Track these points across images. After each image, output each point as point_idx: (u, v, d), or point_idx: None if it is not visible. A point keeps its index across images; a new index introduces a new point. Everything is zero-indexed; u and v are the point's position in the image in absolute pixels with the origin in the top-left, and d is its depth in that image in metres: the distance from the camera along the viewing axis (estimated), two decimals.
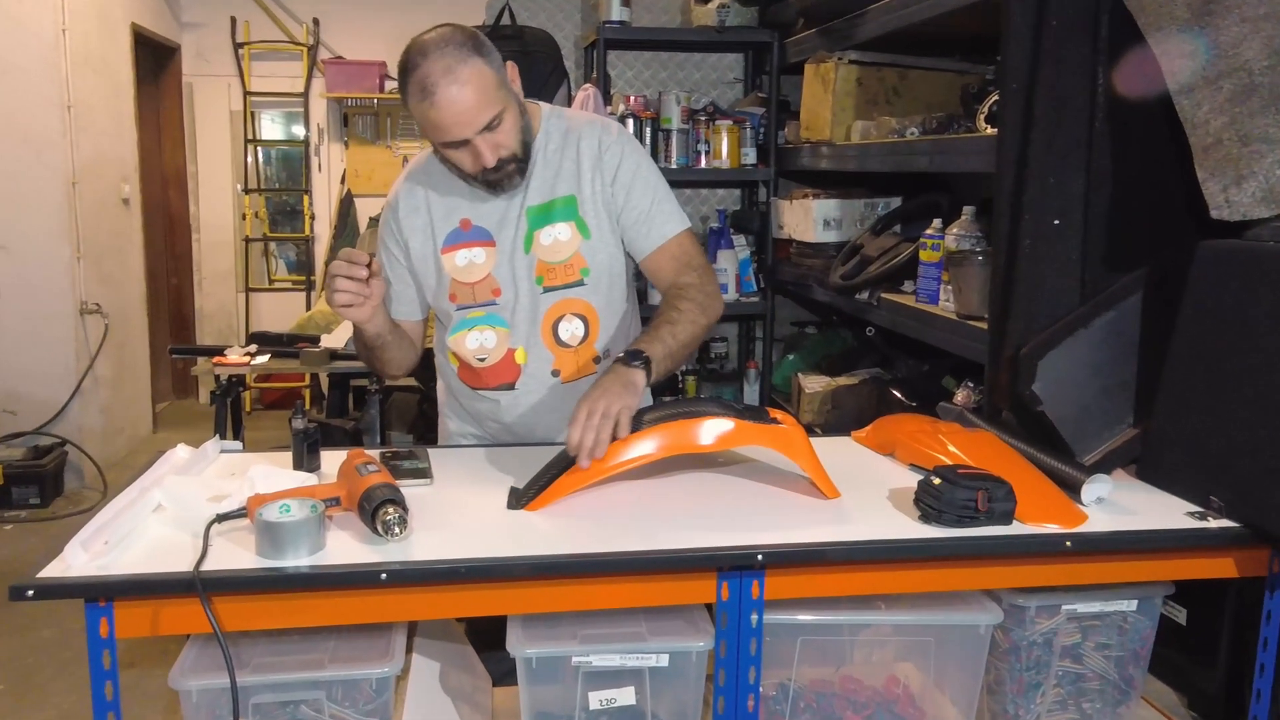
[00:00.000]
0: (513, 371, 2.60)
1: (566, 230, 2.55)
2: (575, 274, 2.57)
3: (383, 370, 2.66)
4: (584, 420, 2.13)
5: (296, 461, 2.29)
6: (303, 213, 8.87)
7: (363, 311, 2.38)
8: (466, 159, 2.40)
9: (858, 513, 2.12)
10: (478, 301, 2.58)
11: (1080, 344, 2.45)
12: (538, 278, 2.56)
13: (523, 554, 1.87)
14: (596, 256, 2.58)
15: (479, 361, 2.61)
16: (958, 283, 3.34)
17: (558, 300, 2.57)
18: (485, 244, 2.56)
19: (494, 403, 2.64)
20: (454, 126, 2.33)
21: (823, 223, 4.72)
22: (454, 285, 2.58)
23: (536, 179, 2.55)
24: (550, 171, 2.56)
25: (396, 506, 1.89)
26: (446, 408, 2.83)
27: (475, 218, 2.56)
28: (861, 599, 2.10)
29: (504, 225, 2.55)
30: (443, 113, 2.30)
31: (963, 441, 2.35)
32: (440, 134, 2.35)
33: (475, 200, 2.56)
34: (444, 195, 2.58)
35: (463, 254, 2.57)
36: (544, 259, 2.55)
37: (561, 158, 2.57)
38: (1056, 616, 2.14)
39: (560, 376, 2.60)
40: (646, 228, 2.58)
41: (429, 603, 1.87)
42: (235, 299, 8.94)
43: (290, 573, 1.79)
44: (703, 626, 2.02)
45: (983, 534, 2.02)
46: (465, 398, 2.72)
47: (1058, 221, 2.55)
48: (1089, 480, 2.19)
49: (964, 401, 3.34)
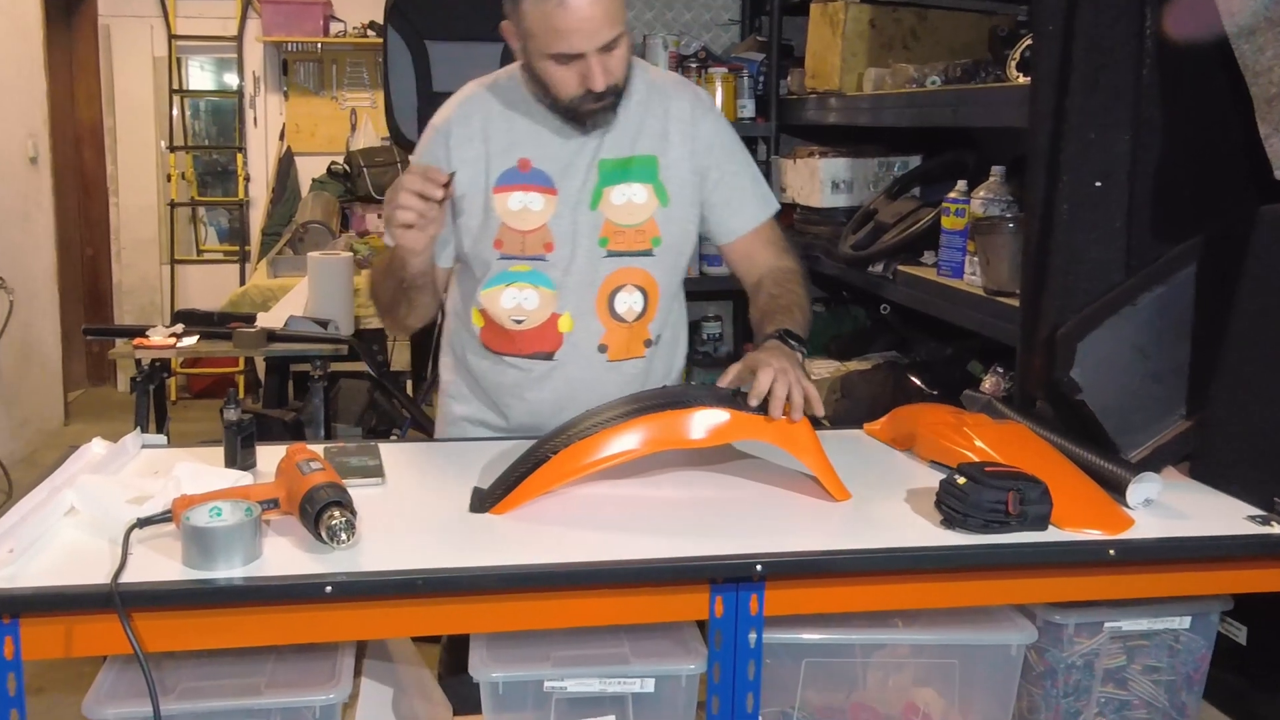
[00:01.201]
0: (553, 339, 2.61)
1: (643, 192, 2.60)
2: (645, 241, 2.61)
3: (404, 319, 2.68)
4: (777, 373, 2.17)
5: (229, 458, 2.29)
6: (236, 174, 8.85)
7: (421, 238, 2.40)
8: (573, 79, 2.43)
9: (871, 517, 2.12)
10: (526, 254, 2.58)
11: (1125, 323, 2.45)
12: (602, 239, 2.59)
13: (488, 563, 1.86)
14: (670, 227, 2.63)
15: (514, 323, 2.61)
16: (985, 253, 3.33)
17: (621, 267, 2.60)
18: (545, 190, 2.58)
19: (524, 373, 2.64)
20: (577, 35, 2.35)
21: (830, 185, 4.71)
22: (502, 230, 2.58)
23: (615, 131, 2.59)
24: (632, 126, 2.61)
25: (343, 509, 1.88)
26: (453, 387, 2.81)
27: (537, 159, 2.58)
28: (875, 615, 2.11)
29: (569, 173, 2.58)
30: (570, 16, 2.33)
31: (991, 435, 2.35)
32: (558, 42, 2.37)
33: (539, 140, 2.58)
34: (504, 128, 2.60)
35: (517, 197, 2.58)
36: (613, 219, 2.59)
37: (645, 114, 2.62)
38: (1098, 635, 2.14)
39: (607, 353, 2.63)
40: (741, 205, 2.68)
41: (380, 619, 1.86)
42: (159, 272, 8.92)
43: (222, 585, 1.78)
44: (693, 647, 2.02)
45: (1014, 541, 2.02)
46: (485, 369, 2.70)
47: (1100, 183, 2.55)
48: (1135, 480, 2.19)
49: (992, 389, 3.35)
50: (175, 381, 8.54)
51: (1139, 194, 2.55)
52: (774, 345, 2.34)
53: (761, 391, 2.17)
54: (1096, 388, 2.43)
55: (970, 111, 3.50)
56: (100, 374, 8.82)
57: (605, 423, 2.15)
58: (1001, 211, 3.38)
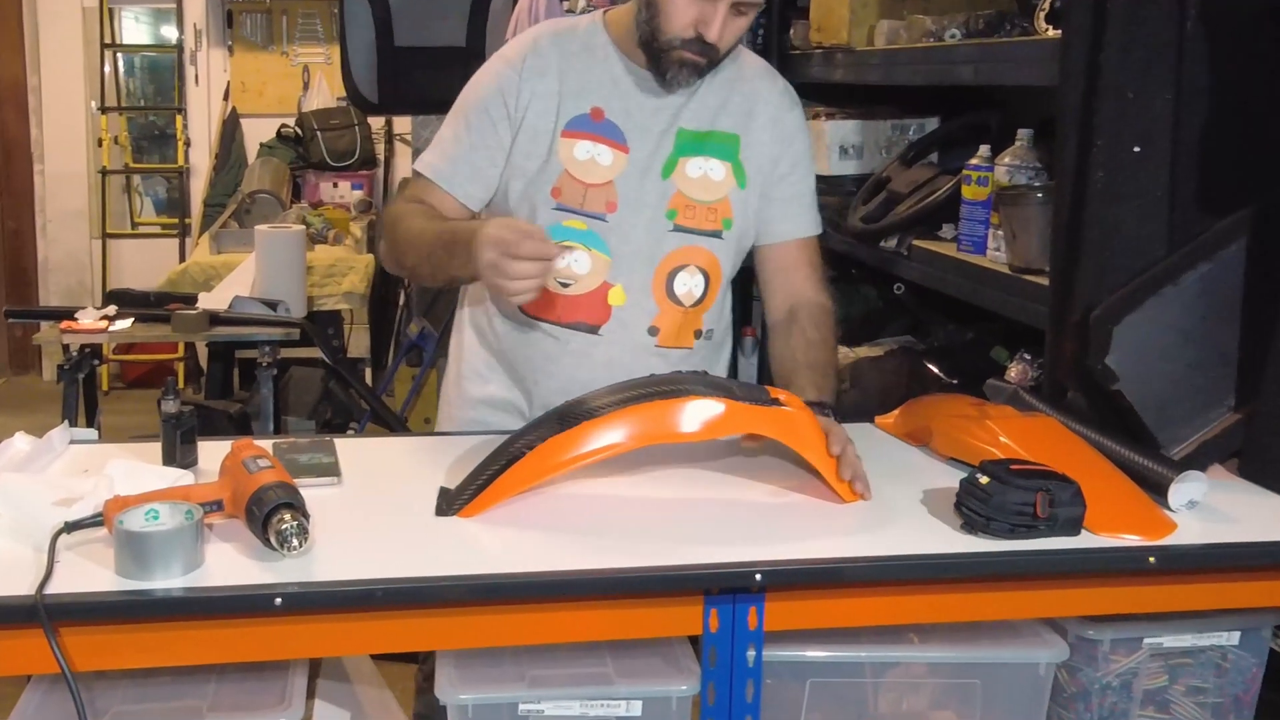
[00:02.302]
0: (601, 312, 2.62)
1: (721, 169, 2.66)
2: (717, 221, 2.66)
3: (422, 279, 2.80)
4: (848, 441, 2.24)
5: (167, 455, 2.28)
6: (175, 138, 8.83)
7: (530, 296, 2.36)
8: (691, 14, 2.49)
9: (883, 520, 2.13)
10: (585, 209, 2.60)
11: (1167, 305, 2.45)
12: (670, 210, 2.62)
13: (456, 572, 1.87)
14: (744, 211, 2.69)
15: (560, 286, 2.60)
16: (1011, 226, 3.33)
17: (686, 245, 2.64)
18: (616, 145, 2.62)
19: (561, 344, 2.62)
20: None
21: (838, 150, 4.71)
22: (563, 178, 2.60)
23: (696, 101, 2.66)
24: (716, 100, 2.68)
25: (295, 512, 1.88)
26: (467, 366, 2.78)
27: (611, 111, 2.63)
28: (888, 630, 2.11)
29: (644, 134, 2.63)
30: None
31: (1017, 429, 2.35)
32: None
33: (618, 91, 2.64)
34: (581, 69, 2.65)
35: (585, 146, 2.62)
36: (686, 192, 2.63)
37: (731, 91, 2.70)
38: (1137, 653, 2.15)
39: (657, 337, 2.64)
40: (798, 211, 2.77)
41: (336, 635, 1.86)
42: (89, 247, 8.90)
43: (159, 597, 1.78)
44: (685, 665, 2.02)
45: (1043, 547, 2.02)
46: (514, 340, 2.68)
47: (1138, 149, 2.54)
48: (1178, 479, 2.19)
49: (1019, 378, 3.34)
50: (107, 370, 8.52)
51: (1182, 160, 2.54)
52: (828, 418, 2.37)
53: (838, 451, 2.21)
54: (1135, 376, 2.43)
55: (994, 68, 3.49)
56: (23, 361, 8.80)
57: (587, 414, 2.14)
58: (1029, 180, 3.38)
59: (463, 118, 2.67)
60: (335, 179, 8.10)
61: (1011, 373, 3.40)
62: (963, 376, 3.91)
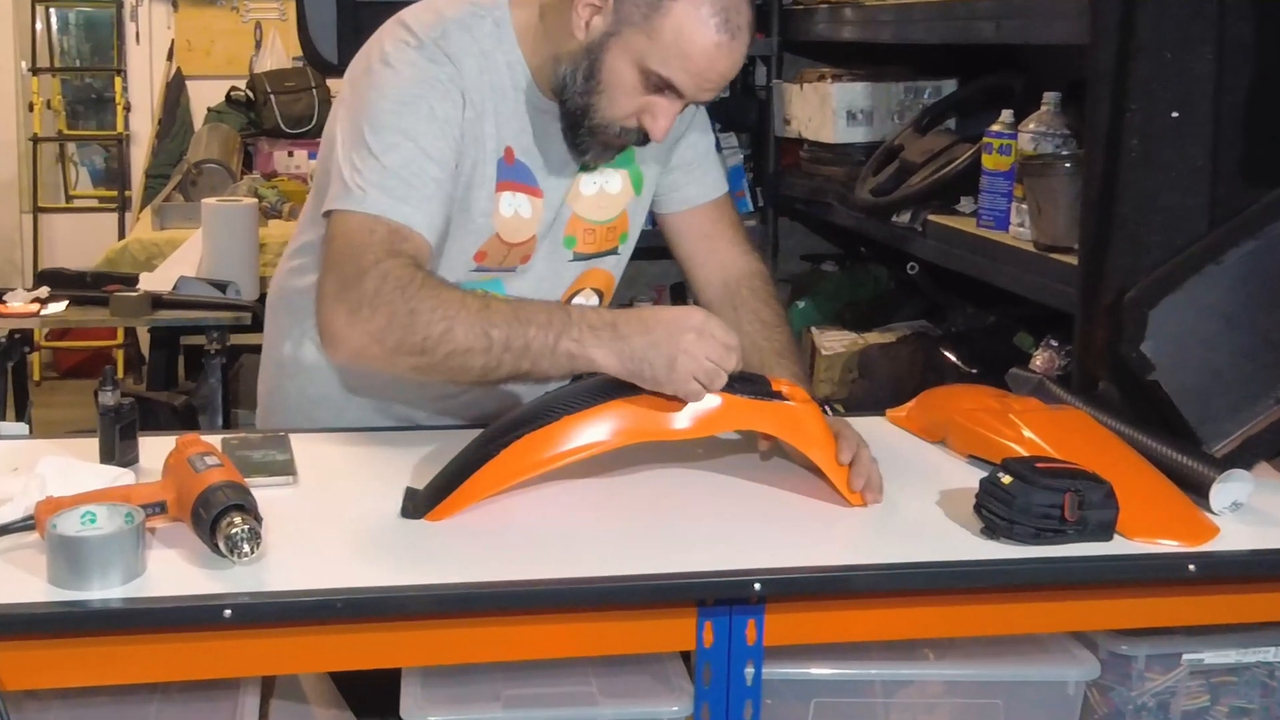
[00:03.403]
0: None
1: (618, 179, 2.58)
2: (614, 239, 2.62)
3: (511, 372, 2.23)
4: (860, 444, 2.22)
5: (105, 451, 2.28)
6: (114, 102, 8.82)
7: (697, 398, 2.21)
8: (635, 105, 2.31)
9: (895, 524, 2.13)
10: (504, 267, 2.50)
11: (1209, 286, 2.45)
12: (568, 238, 2.56)
13: (423, 581, 1.86)
14: (637, 218, 2.64)
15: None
16: (1036, 200, 3.34)
17: (584, 271, 2.60)
18: (530, 191, 2.48)
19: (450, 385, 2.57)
20: (700, 79, 2.27)
21: (846, 116, 4.71)
22: (491, 242, 2.47)
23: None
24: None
25: (246, 515, 1.88)
26: (343, 385, 2.66)
27: (520, 150, 2.45)
28: (901, 645, 2.12)
29: (551, 171, 2.48)
30: (719, 60, 2.25)
31: (1043, 424, 2.36)
32: (675, 67, 2.25)
33: (524, 125, 2.45)
34: (491, 89, 2.41)
35: (508, 200, 2.46)
36: (584, 215, 2.56)
37: None
38: (1176, 670, 2.15)
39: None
40: (701, 171, 2.68)
41: (291, 651, 1.86)
42: (19, 222, 8.91)
43: (96, 608, 1.77)
44: (677, 684, 2.03)
45: (1071, 554, 2.01)
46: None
47: (1177, 114, 2.55)
48: (1221, 479, 2.19)
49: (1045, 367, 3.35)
50: (39, 358, 8.50)
51: (1225, 126, 2.55)
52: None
53: (849, 458, 2.20)
54: (1173, 365, 2.44)
55: (1018, 25, 3.50)
56: None
57: (569, 408, 2.14)
58: (1055, 148, 3.38)
59: (399, 134, 2.30)
60: (290, 147, 8.06)
61: (1037, 361, 3.40)
62: (983, 365, 3.91)
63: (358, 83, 2.39)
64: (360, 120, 2.31)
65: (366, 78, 2.36)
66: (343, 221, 2.24)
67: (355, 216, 2.23)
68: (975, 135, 3.86)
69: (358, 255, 2.18)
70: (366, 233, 2.22)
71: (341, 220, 2.25)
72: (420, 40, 2.35)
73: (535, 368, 2.15)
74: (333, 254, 2.23)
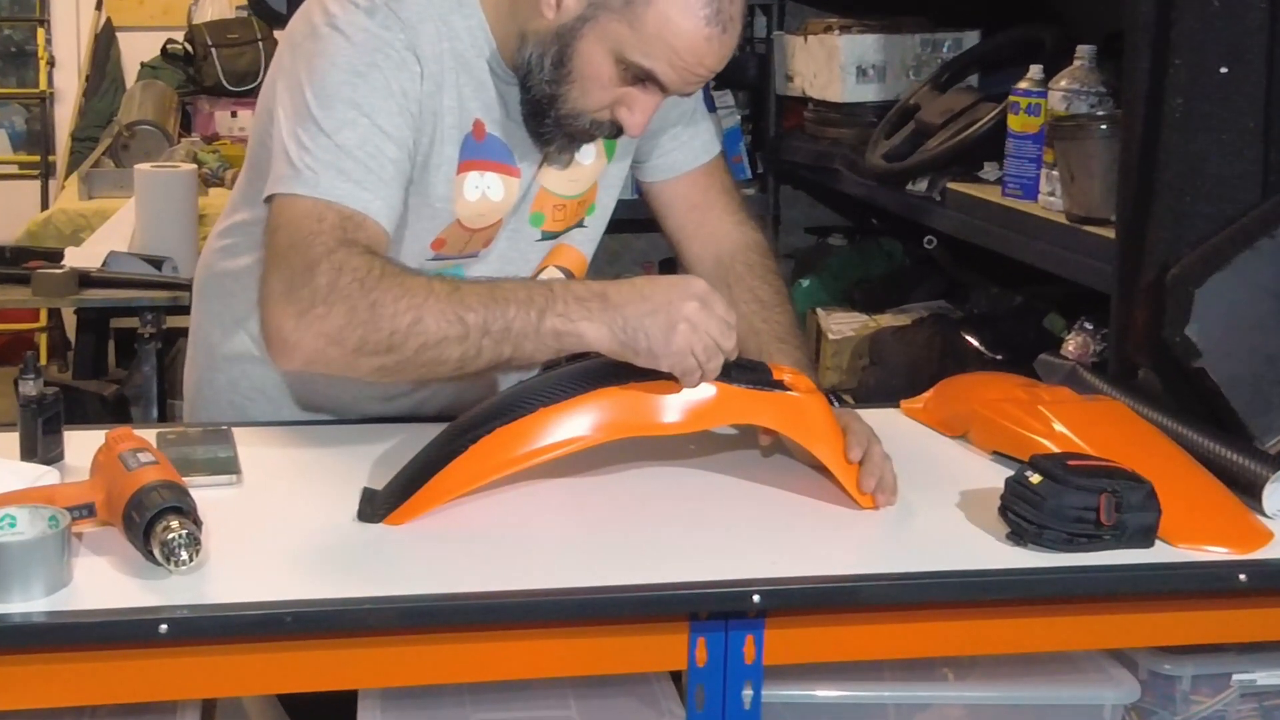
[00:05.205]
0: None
1: (590, 149, 2.54)
2: (581, 212, 2.61)
3: (491, 360, 2.22)
4: (872, 438, 2.23)
5: (26, 447, 2.28)
6: (36, 56, 8.81)
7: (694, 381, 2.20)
8: (610, 97, 2.32)
9: (910, 528, 2.14)
10: (464, 254, 2.50)
11: (1262, 263, 2.46)
12: (535, 216, 2.55)
13: (382, 593, 1.86)
14: (610, 187, 2.63)
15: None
16: (1068, 166, 3.35)
17: (551, 248, 2.60)
18: (504, 170, 2.47)
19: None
20: (685, 72, 2.27)
21: (855, 72, 4.72)
22: (451, 229, 2.46)
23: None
24: None
25: (184, 518, 1.87)
26: (281, 379, 2.65)
27: (491, 124, 2.44)
28: (915, 664, 2.12)
29: (527, 145, 2.46)
30: (707, 55, 2.25)
31: (1076, 416, 2.37)
32: (658, 57, 2.24)
33: (495, 96, 2.43)
34: (454, 56, 2.38)
35: (474, 181, 2.44)
36: (553, 189, 2.54)
37: None
38: (1225, 691, 2.16)
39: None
40: (689, 133, 2.67)
41: (234, 671, 1.86)
42: None
43: (16, 623, 1.77)
44: (666, 708, 2.04)
45: (1108, 562, 2.02)
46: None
47: (1225, 69, 2.55)
48: (1275, 478, 2.20)
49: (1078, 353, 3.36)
50: None
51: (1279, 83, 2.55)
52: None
53: (859, 456, 2.20)
54: (1222, 351, 2.44)
55: None
56: None
57: (546, 399, 2.13)
58: (1091, 108, 3.39)
59: (352, 109, 2.26)
60: (234, 107, 8.04)
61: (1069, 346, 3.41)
62: (1008, 351, 3.93)
63: (299, 47, 2.33)
64: (305, 91, 2.26)
65: (311, 42, 2.31)
66: (289, 207, 2.21)
67: (303, 202, 2.19)
68: (1000, 94, 3.88)
69: (305, 246, 2.15)
70: (315, 220, 2.18)
71: (287, 206, 2.21)
72: (371, 1, 2.30)
73: (518, 351, 2.13)
74: (277, 246, 2.20)
